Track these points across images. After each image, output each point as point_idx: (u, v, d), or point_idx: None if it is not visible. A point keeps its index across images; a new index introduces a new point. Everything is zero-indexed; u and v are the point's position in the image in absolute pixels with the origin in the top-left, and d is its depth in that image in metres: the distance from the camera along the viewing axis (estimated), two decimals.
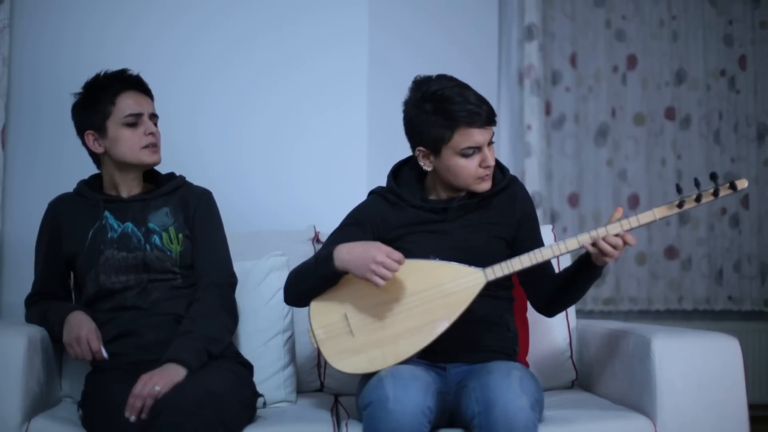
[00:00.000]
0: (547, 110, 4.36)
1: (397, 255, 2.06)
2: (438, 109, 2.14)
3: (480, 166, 2.17)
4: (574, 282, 2.23)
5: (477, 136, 2.14)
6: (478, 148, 2.16)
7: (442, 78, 2.19)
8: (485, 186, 2.21)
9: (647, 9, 4.43)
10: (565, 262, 2.63)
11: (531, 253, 2.13)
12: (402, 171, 2.32)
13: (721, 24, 4.45)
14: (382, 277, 2.04)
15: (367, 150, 3.20)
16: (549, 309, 2.31)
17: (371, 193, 2.34)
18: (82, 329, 2.19)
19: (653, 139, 4.42)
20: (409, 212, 2.24)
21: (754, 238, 4.40)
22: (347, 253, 2.09)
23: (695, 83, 4.43)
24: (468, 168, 2.18)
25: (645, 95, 4.42)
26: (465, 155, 2.16)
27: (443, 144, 2.16)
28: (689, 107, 4.43)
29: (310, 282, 2.17)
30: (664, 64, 4.43)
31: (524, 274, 2.22)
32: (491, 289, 2.14)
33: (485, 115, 2.14)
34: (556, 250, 2.13)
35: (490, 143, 2.18)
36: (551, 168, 4.37)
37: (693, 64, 4.43)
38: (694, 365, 2.20)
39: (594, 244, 2.10)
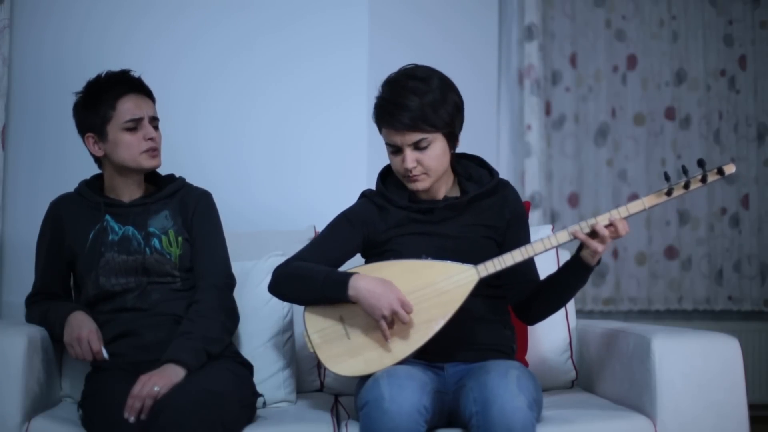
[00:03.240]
0: (547, 110, 4.36)
1: (410, 306, 2.08)
2: (378, 100, 2.18)
3: (403, 165, 2.17)
4: (560, 285, 2.21)
5: (393, 136, 2.15)
6: (399, 148, 2.16)
7: (409, 74, 2.18)
8: (414, 186, 2.20)
9: (647, 9, 4.43)
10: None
11: (522, 248, 2.13)
12: (391, 172, 2.31)
13: (721, 24, 4.45)
14: (389, 326, 2.07)
15: (367, 150, 3.20)
16: (528, 313, 2.29)
17: (362, 196, 2.34)
18: (83, 329, 2.19)
19: (653, 139, 4.42)
20: (397, 213, 2.24)
21: (754, 238, 4.40)
22: (365, 290, 2.09)
23: (695, 83, 4.43)
24: (394, 163, 2.20)
25: (645, 95, 4.42)
26: (390, 151, 2.19)
27: (382, 131, 2.21)
28: (689, 107, 4.43)
29: (312, 295, 2.17)
30: (664, 64, 4.43)
31: (507, 278, 2.21)
32: (485, 287, 2.14)
33: (403, 121, 2.11)
34: (547, 243, 2.12)
35: (421, 147, 2.15)
36: (551, 168, 4.37)
37: (693, 64, 4.43)
38: (694, 365, 2.20)
39: (590, 234, 2.09)
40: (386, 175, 2.33)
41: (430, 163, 2.16)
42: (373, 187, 2.34)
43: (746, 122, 4.43)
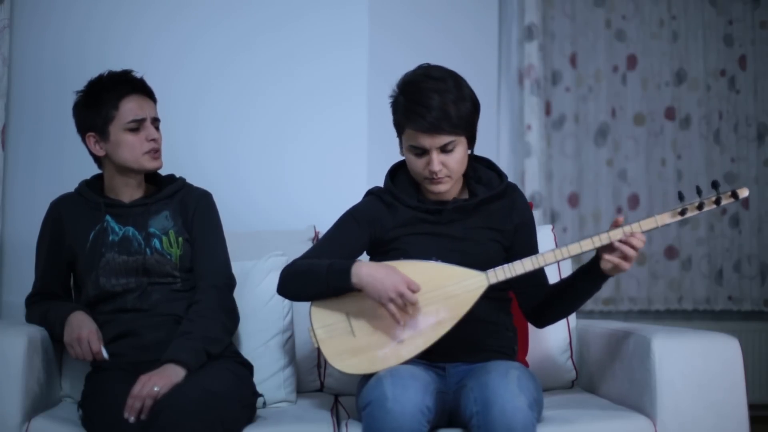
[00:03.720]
0: (547, 110, 4.36)
1: (416, 285, 2.06)
2: (403, 106, 2.15)
3: (428, 167, 2.16)
4: (575, 292, 2.22)
5: (421, 138, 2.13)
6: (424, 150, 2.15)
7: (426, 75, 2.17)
8: (436, 188, 2.18)
9: (647, 9, 4.43)
10: (566, 271, 2.63)
11: (534, 257, 2.13)
12: (400, 171, 2.31)
13: (721, 24, 4.45)
14: (399, 309, 2.06)
15: (367, 150, 3.20)
16: (540, 318, 2.30)
17: (368, 193, 2.34)
18: (83, 330, 2.19)
19: (653, 139, 4.42)
20: (405, 212, 2.24)
21: (754, 238, 4.40)
22: (368, 275, 2.08)
23: (695, 83, 4.43)
24: (416, 165, 2.18)
25: (645, 95, 4.42)
26: (414, 153, 2.17)
27: (401, 135, 2.19)
28: (689, 107, 4.43)
29: (318, 288, 2.15)
30: (664, 64, 4.43)
31: (517, 282, 2.22)
32: (489, 289, 2.14)
33: (434, 123, 2.10)
34: (558, 254, 2.12)
35: (448, 150, 2.14)
36: (551, 168, 4.37)
37: (693, 64, 4.43)
38: (694, 365, 2.20)
39: (601, 248, 2.09)
40: (394, 173, 2.32)
41: (454, 165, 2.16)
42: (372, 188, 2.34)
43: (746, 122, 4.43)
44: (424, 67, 2.22)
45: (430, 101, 2.11)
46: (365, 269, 2.09)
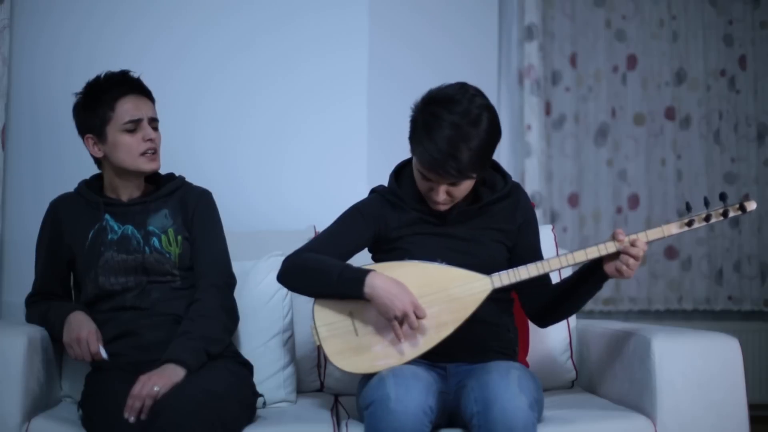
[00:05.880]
0: (547, 110, 4.36)
1: (422, 311, 2.07)
2: (417, 129, 2.11)
3: (432, 197, 2.16)
4: (576, 292, 2.22)
5: (427, 173, 2.11)
6: (431, 180, 2.13)
7: (450, 101, 2.09)
8: (437, 208, 2.18)
9: (647, 9, 4.43)
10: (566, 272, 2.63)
11: (539, 263, 2.13)
12: (404, 171, 2.31)
13: (721, 24, 4.45)
14: (400, 326, 2.06)
15: (366, 150, 3.20)
16: (543, 319, 2.31)
17: (373, 192, 2.33)
18: (82, 330, 2.19)
19: (653, 139, 4.42)
20: (409, 212, 2.24)
21: (754, 238, 4.40)
22: (382, 289, 2.07)
23: (695, 83, 4.43)
24: (421, 185, 2.18)
25: (645, 95, 4.42)
26: (421, 175, 2.15)
27: (413, 153, 2.15)
28: (689, 107, 4.43)
29: (325, 289, 2.15)
30: (664, 64, 4.43)
31: (521, 284, 2.21)
32: (492, 291, 2.14)
33: (441, 164, 2.06)
34: (563, 261, 2.13)
35: (455, 184, 2.12)
36: (551, 168, 4.37)
37: (693, 64, 4.43)
38: (694, 365, 2.20)
39: (607, 256, 2.10)
40: (399, 173, 2.32)
41: (459, 194, 2.16)
42: (376, 186, 2.34)
43: (746, 122, 4.43)
44: (455, 88, 2.13)
45: (440, 139, 2.05)
46: (379, 282, 2.08)
